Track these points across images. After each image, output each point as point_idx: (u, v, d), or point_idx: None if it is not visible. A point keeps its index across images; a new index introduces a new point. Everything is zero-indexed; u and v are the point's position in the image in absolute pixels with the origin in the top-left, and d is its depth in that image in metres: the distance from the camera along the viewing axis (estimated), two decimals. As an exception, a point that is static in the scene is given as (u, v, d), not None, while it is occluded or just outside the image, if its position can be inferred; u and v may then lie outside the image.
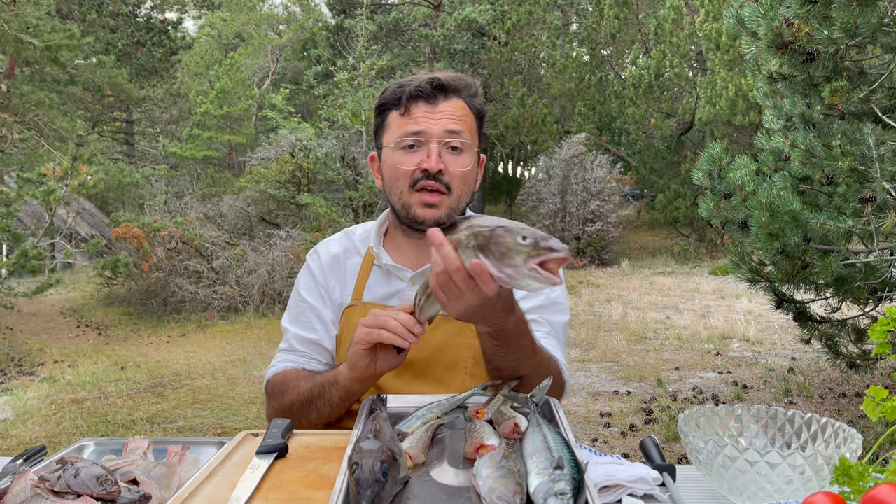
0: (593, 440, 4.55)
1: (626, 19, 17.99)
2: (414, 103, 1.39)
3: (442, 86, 1.40)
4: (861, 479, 0.84)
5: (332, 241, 1.62)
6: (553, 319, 1.51)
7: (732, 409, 1.18)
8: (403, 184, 1.40)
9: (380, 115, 1.47)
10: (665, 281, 12.26)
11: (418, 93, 1.39)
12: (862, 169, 3.31)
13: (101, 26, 20.06)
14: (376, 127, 1.49)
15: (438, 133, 1.38)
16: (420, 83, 1.39)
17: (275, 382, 1.49)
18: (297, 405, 1.40)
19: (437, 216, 1.38)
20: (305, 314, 1.55)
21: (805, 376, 5.86)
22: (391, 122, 1.44)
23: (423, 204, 1.39)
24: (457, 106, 1.41)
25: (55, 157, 12.83)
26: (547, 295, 1.50)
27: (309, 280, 1.57)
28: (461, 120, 1.41)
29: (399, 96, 1.41)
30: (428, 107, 1.39)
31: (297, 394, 1.41)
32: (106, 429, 5.12)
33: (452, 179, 1.39)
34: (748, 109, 14.07)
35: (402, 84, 1.43)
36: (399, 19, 20.20)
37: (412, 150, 1.39)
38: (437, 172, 1.37)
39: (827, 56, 3.23)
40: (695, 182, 4.03)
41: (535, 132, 17.92)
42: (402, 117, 1.40)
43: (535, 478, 0.83)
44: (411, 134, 1.38)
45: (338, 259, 1.57)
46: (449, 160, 1.39)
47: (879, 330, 0.97)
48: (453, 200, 1.40)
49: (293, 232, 12.01)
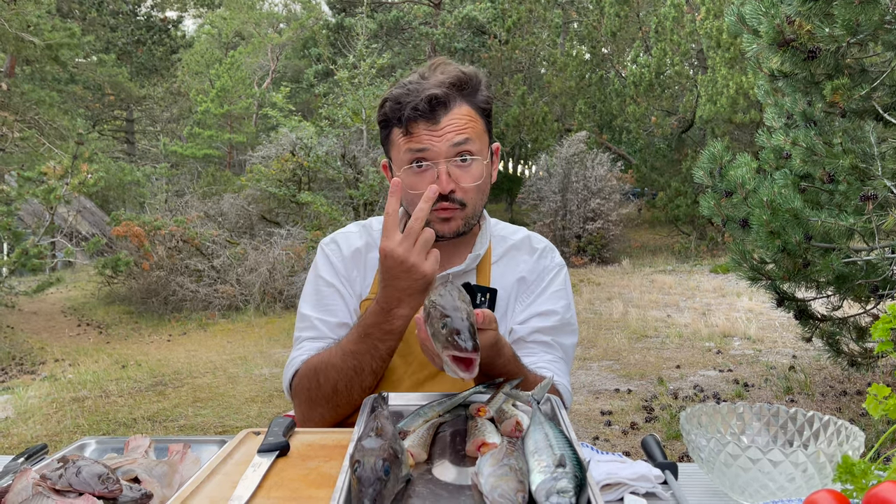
0: (594, 438, 4.55)
1: (626, 17, 17.97)
2: (414, 125, 1.36)
3: (440, 101, 1.35)
4: (863, 476, 0.84)
5: (351, 233, 1.58)
6: (565, 343, 1.50)
7: (734, 407, 1.18)
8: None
9: (384, 128, 1.45)
10: (666, 279, 12.25)
11: (416, 114, 1.35)
12: (863, 167, 3.30)
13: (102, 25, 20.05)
14: (382, 139, 1.48)
15: (444, 151, 1.35)
16: (417, 103, 1.34)
17: (305, 373, 1.39)
18: (341, 381, 1.33)
19: (455, 229, 1.40)
20: (332, 297, 1.50)
21: (806, 374, 5.86)
22: (395, 140, 1.41)
23: (439, 219, 1.39)
24: (460, 113, 1.37)
25: (56, 156, 12.83)
26: (562, 315, 1.49)
27: (329, 268, 1.53)
28: (466, 128, 1.37)
29: (399, 115, 1.37)
30: (429, 125, 1.35)
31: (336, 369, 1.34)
32: (107, 427, 5.13)
33: (465, 194, 1.38)
34: (749, 107, 14.05)
35: (398, 100, 1.38)
36: (399, 17, 20.19)
37: (421, 169, 1.37)
38: (450, 192, 1.36)
39: (828, 54, 3.23)
40: (696, 180, 4.02)
41: (535, 130, 17.91)
42: (405, 137, 1.37)
43: (538, 476, 0.83)
44: (416, 152, 1.36)
45: (360, 252, 1.54)
46: (459, 175, 1.37)
47: (881, 328, 0.97)
48: (468, 212, 1.41)
49: (294, 230, 12.01)
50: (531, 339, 1.46)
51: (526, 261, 1.53)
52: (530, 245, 1.56)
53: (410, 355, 1.44)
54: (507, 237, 1.57)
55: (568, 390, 1.45)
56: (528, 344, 1.46)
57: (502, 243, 1.55)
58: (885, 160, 3.27)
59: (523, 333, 1.46)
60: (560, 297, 1.52)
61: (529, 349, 1.45)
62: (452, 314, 1.00)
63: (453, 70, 1.41)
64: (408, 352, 1.44)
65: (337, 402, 1.36)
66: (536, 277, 1.52)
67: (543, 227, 15.02)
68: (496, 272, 1.51)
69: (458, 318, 1.00)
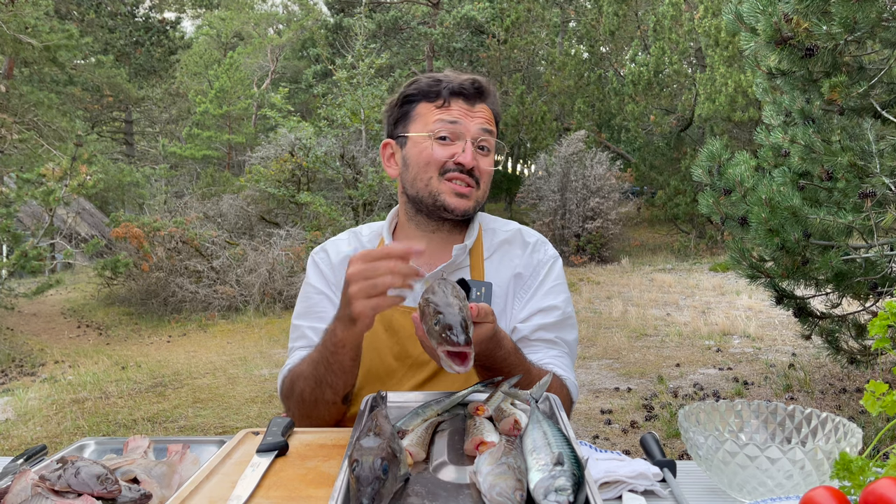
0: (594, 437, 4.56)
1: (624, 16, 17.98)
2: (454, 99, 1.45)
3: (481, 88, 1.47)
4: (861, 473, 0.84)
5: (340, 241, 1.61)
6: (568, 338, 1.52)
7: (732, 405, 1.18)
8: (433, 171, 1.44)
9: (405, 104, 1.50)
10: (665, 278, 12.26)
11: (461, 90, 1.45)
12: (861, 164, 3.31)
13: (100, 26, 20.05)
14: (398, 116, 1.51)
15: (475, 131, 1.44)
16: (463, 81, 1.45)
17: (287, 380, 1.43)
18: (307, 390, 1.34)
19: (467, 207, 1.45)
20: (321, 305, 1.52)
21: (805, 372, 5.86)
22: (422, 112, 1.47)
23: (454, 193, 1.44)
24: (487, 111, 1.48)
25: (54, 158, 12.83)
26: (563, 309, 1.51)
27: (319, 276, 1.56)
28: (490, 123, 1.48)
29: (437, 89, 1.46)
30: (467, 105, 1.45)
31: (303, 378, 1.35)
32: (107, 428, 5.13)
33: (482, 176, 1.47)
34: (747, 105, 14.06)
35: (438, 79, 1.47)
36: (398, 18, 20.19)
37: (445, 142, 1.44)
38: (471, 168, 1.43)
39: (826, 51, 3.23)
40: (694, 178, 4.03)
41: (534, 130, 17.91)
42: (439, 109, 1.45)
43: (536, 474, 0.83)
44: (449, 123, 1.43)
45: (348, 258, 1.55)
46: (479, 158, 1.46)
47: (879, 325, 0.97)
48: (480, 195, 1.48)
49: (293, 231, 12.01)
50: (535, 338, 1.47)
51: (519, 256, 1.54)
52: (522, 239, 1.57)
53: (409, 358, 1.45)
54: (497, 230, 1.58)
55: (574, 384, 1.46)
56: (533, 343, 1.46)
57: (493, 237, 1.56)
58: (884, 157, 3.27)
59: (527, 332, 1.47)
60: (559, 290, 1.53)
61: (534, 347, 1.46)
62: (445, 310, 1.02)
63: (478, 76, 1.52)
64: (405, 355, 1.45)
65: (308, 413, 1.36)
66: (532, 272, 1.53)
67: (543, 227, 15.03)
68: (490, 268, 1.52)
69: (450, 314, 1.01)
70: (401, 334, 1.45)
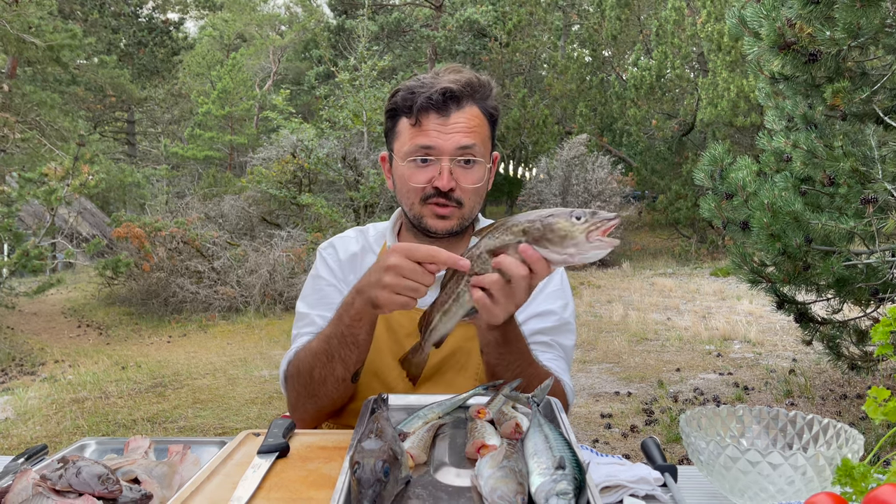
0: (594, 441, 4.55)
1: (627, 20, 17.98)
2: (425, 115, 1.37)
3: (454, 96, 1.36)
4: (863, 479, 0.84)
5: (348, 238, 1.60)
6: (564, 343, 1.51)
7: (734, 410, 1.18)
8: (415, 197, 1.41)
9: (391, 118, 1.46)
10: (666, 282, 12.25)
11: (429, 104, 1.36)
12: (863, 170, 3.30)
13: (103, 27, 20.06)
14: (387, 129, 1.49)
15: (450, 150, 1.36)
16: (431, 94, 1.35)
17: (295, 360, 1.39)
18: (317, 367, 1.30)
19: (449, 227, 1.41)
20: (331, 295, 1.50)
21: (806, 378, 5.85)
22: (402, 131, 1.42)
23: (435, 216, 1.40)
24: (470, 115, 1.39)
25: (57, 157, 12.84)
26: (560, 314, 1.50)
27: (328, 270, 1.55)
28: (473, 131, 1.38)
29: (410, 104, 1.38)
30: (440, 119, 1.36)
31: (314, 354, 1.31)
32: (107, 428, 5.12)
33: (464, 194, 1.40)
34: (750, 110, 14.05)
35: (412, 90, 1.39)
36: (400, 20, 20.23)
37: (423, 164, 1.38)
38: (449, 190, 1.38)
39: (829, 57, 3.23)
40: (696, 183, 4.03)
41: (536, 133, 17.92)
42: (413, 128, 1.38)
43: (537, 478, 0.83)
44: (422, 148, 1.37)
45: (356, 256, 1.56)
46: (460, 175, 1.39)
47: (881, 331, 0.97)
48: (465, 212, 1.43)
49: (294, 232, 12.01)
50: (531, 341, 1.47)
51: None
52: None
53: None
54: None
55: (570, 387, 1.46)
56: (529, 345, 1.46)
57: None
58: (886, 163, 3.27)
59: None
60: (557, 296, 1.52)
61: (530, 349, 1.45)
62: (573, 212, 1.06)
63: (468, 73, 1.43)
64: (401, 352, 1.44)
65: (315, 392, 1.33)
66: None
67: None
68: None
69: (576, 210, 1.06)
70: (399, 334, 1.46)
